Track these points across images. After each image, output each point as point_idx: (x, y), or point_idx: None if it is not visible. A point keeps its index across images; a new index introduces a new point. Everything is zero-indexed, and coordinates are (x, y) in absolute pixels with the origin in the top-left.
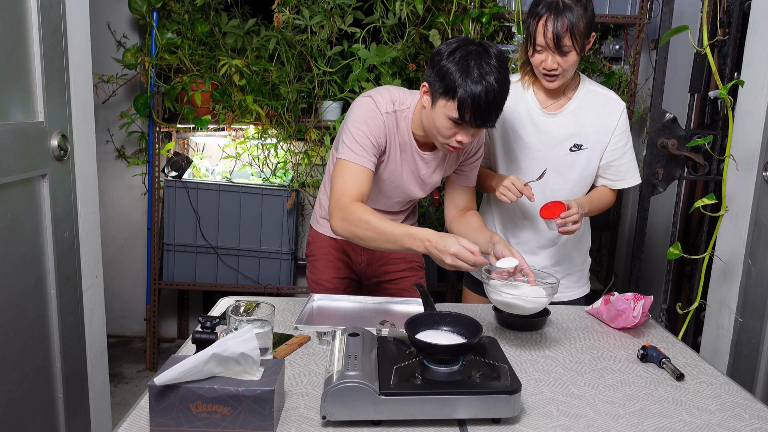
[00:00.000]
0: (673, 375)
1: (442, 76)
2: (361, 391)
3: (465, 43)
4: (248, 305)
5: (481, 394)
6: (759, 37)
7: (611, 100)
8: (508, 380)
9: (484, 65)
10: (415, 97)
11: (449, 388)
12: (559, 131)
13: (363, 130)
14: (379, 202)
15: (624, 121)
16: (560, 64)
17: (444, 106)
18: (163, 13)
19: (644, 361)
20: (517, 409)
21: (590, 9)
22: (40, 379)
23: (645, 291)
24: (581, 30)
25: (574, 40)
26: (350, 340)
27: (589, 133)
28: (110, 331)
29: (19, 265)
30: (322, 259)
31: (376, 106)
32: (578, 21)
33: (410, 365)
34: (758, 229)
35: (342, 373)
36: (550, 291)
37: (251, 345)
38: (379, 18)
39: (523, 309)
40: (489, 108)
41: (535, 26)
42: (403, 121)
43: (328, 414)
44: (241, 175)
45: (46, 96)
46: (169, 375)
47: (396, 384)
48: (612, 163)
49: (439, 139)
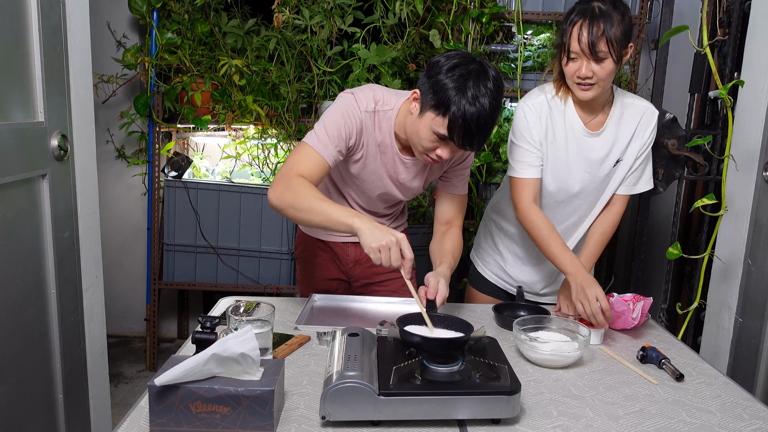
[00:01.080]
0: (673, 376)
1: (437, 90)
2: (360, 392)
3: (466, 61)
4: (248, 305)
5: (480, 394)
6: (759, 37)
7: (647, 111)
8: (508, 381)
9: (481, 87)
10: (401, 99)
11: (448, 389)
12: (603, 152)
13: (336, 122)
14: (363, 201)
15: (655, 131)
16: (596, 73)
17: (432, 119)
18: (163, 13)
19: (644, 362)
20: (516, 409)
21: (627, 17)
22: (40, 379)
23: (645, 291)
24: (618, 36)
25: (610, 45)
26: (350, 340)
27: (630, 147)
28: (110, 331)
29: (19, 265)
30: (310, 262)
31: (356, 102)
32: (615, 27)
33: (410, 365)
34: (758, 229)
35: (341, 373)
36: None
37: (251, 345)
38: (379, 18)
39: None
40: (478, 131)
41: (569, 33)
42: (385, 122)
43: (327, 414)
44: (241, 175)
45: (46, 96)
46: (169, 376)
47: (395, 384)
48: (637, 168)
49: (419, 148)
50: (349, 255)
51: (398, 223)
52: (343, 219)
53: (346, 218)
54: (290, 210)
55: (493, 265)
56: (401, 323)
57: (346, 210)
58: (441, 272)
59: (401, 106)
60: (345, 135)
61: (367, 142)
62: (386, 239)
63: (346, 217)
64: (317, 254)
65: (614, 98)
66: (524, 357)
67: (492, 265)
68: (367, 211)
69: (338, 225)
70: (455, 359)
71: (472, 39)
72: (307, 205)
